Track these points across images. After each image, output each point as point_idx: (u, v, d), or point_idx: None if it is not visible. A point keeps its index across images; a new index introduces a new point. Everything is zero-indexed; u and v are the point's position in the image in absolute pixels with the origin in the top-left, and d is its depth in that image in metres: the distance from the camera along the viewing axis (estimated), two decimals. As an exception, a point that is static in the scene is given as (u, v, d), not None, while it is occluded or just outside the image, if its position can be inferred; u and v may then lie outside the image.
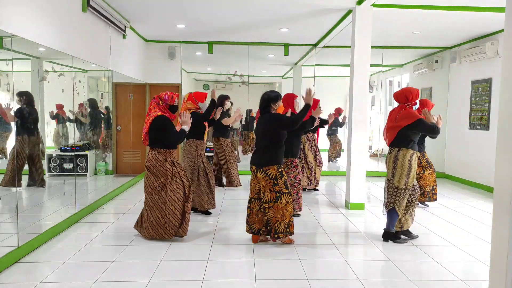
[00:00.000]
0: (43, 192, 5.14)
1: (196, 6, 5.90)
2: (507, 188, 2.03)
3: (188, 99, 5.15)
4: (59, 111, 5.28)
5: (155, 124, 4.03)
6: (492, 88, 7.17)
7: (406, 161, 4.04)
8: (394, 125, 4.10)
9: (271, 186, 3.93)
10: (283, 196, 3.93)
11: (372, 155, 10.49)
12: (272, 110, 4.06)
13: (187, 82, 10.65)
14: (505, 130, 2.05)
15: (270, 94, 4.07)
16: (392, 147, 4.16)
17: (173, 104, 4.17)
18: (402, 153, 4.05)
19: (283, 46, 8.59)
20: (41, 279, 3.21)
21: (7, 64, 3.75)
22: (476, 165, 7.63)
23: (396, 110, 4.18)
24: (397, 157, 4.07)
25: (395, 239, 4.23)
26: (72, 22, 4.88)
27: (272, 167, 3.93)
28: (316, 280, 3.24)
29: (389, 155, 4.17)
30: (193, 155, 5.08)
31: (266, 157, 3.95)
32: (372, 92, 10.93)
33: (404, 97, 4.11)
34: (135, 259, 3.66)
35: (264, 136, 4.00)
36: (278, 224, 3.94)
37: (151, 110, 4.11)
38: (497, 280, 2.09)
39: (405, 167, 4.04)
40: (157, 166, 4.05)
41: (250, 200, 4.10)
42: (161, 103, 4.12)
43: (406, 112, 4.06)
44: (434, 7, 5.65)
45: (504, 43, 2.08)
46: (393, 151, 4.12)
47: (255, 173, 4.00)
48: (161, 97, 4.14)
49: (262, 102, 4.08)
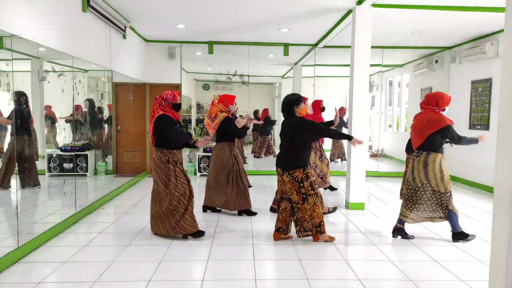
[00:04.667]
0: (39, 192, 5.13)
1: (196, 6, 5.89)
2: (507, 188, 2.02)
3: (219, 101, 5.15)
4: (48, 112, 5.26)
5: (157, 123, 4.05)
6: (492, 88, 7.17)
7: (437, 165, 4.08)
8: (423, 129, 4.10)
9: (297, 188, 3.98)
10: (310, 198, 3.98)
11: (372, 155, 10.50)
12: (296, 113, 4.08)
13: (187, 82, 10.66)
14: (505, 130, 2.05)
15: (291, 97, 4.10)
16: (420, 151, 4.17)
17: (176, 102, 4.18)
18: (432, 158, 4.09)
19: (283, 46, 8.59)
20: (41, 279, 3.21)
21: (7, 64, 3.75)
22: (476, 165, 7.63)
23: (426, 113, 4.18)
24: (427, 162, 4.10)
25: (465, 238, 4.24)
26: (72, 22, 4.88)
27: (298, 170, 3.96)
28: (316, 280, 3.24)
29: (417, 159, 4.18)
30: (226, 157, 5.08)
31: (292, 160, 3.98)
32: (372, 92, 10.93)
33: (435, 101, 4.13)
34: (135, 259, 3.66)
35: (289, 139, 4.02)
36: (306, 223, 4.03)
37: (154, 111, 4.13)
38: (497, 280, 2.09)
39: (436, 171, 4.08)
40: (160, 166, 4.08)
41: (281, 199, 4.17)
42: (164, 103, 4.13)
43: (437, 116, 4.08)
44: (434, 7, 5.65)
45: (504, 43, 2.08)
46: (422, 155, 4.14)
47: (281, 175, 4.04)
48: (163, 97, 4.14)
49: (284, 106, 4.10)
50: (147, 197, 6.35)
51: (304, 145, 4.02)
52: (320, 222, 4.04)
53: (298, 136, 3.98)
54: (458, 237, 4.26)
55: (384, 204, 6.14)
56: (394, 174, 9.00)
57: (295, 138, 3.99)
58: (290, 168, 3.97)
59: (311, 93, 8.98)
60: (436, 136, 4.06)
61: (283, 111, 4.14)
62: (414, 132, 4.24)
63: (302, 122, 4.01)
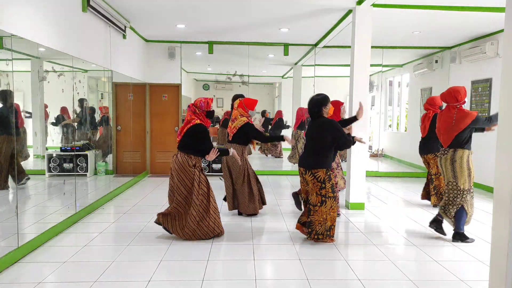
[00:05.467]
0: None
1: (196, 6, 5.90)
2: (507, 188, 2.02)
3: (239, 106, 5.11)
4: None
5: (192, 131, 4.05)
6: (492, 88, 7.17)
7: (464, 162, 4.11)
8: (453, 127, 4.10)
9: (318, 189, 3.97)
10: (328, 200, 3.97)
11: (372, 155, 10.49)
12: (324, 114, 4.07)
13: (187, 82, 10.65)
14: (505, 130, 2.05)
15: (318, 98, 4.08)
16: (446, 148, 4.18)
17: (210, 109, 4.19)
18: (459, 154, 4.10)
19: (283, 46, 8.59)
20: (41, 279, 3.21)
21: (7, 64, 3.75)
22: (476, 165, 7.61)
23: (450, 112, 4.16)
24: (454, 158, 4.11)
25: (465, 239, 4.24)
26: (72, 22, 4.88)
27: (321, 170, 3.96)
28: (316, 280, 3.24)
29: (444, 157, 4.19)
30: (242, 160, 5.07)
31: (316, 159, 3.99)
32: (372, 92, 10.93)
33: (453, 97, 4.14)
34: (135, 259, 3.65)
35: (316, 140, 4.02)
36: (319, 227, 4.01)
37: (188, 118, 4.13)
38: (497, 280, 2.09)
39: (464, 168, 4.10)
40: (185, 170, 4.07)
41: (306, 199, 4.16)
42: (198, 111, 4.13)
43: (463, 112, 4.09)
44: (434, 7, 5.65)
45: (504, 43, 2.08)
46: (448, 153, 4.15)
47: (304, 175, 4.04)
48: (196, 105, 4.14)
49: (313, 106, 4.06)
50: (147, 197, 6.36)
51: (331, 146, 4.03)
52: (331, 225, 4.04)
53: (328, 138, 3.97)
54: (458, 237, 4.26)
55: (384, 204, 6.14)
56: (394, 174, 9.00)
57: (324, 139, 3.98)
58: (313, 167, 3.97)
59: (311, 93, 8.97)
60: (464, 131, 4.09)
61: (312, 112, 4.10)
62: (442, 133, 4.22)
63: (336, 126, 3.97)
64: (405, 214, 5.50)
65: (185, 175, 4.07)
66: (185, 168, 4.07)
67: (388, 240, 4.35)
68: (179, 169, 4.08)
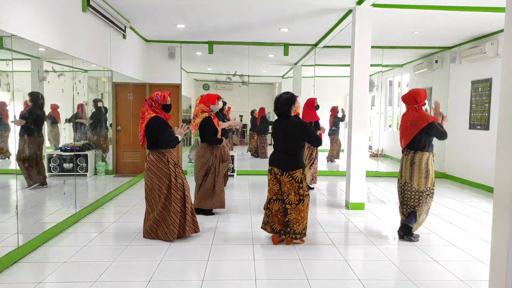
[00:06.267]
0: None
1: (196, 6, 5.90)
2: (507, 188, 2.02)
3: (200, 101, 5.14)
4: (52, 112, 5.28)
5: (150, 126, 4.00)
6: (492, 88, 7.17)
7: (423, 164, 4.06)
8: (408, 129, 4.10)
9: (296, 189, 3.95)
10: (305, 199, 3.98)
11: (372, 155, 10.50)
12: (292, 113, 4.02)
13: (187, 82, 10.65)
14: (505, 130, 2.05)
15: (287, 96, 4.00)
16: (408, 149, 4.16)
17: (166, 103, 4.15)
18: (419, 157, 4.07)
19: (283, 46, 8.59)
20: (41, 279, 3.21)
21: (7, 64, 3.75)
22: (476, 165, 7.63)
23: (408, 113, 4.18)
24: (414, 160, 4.09)
25: (411, 236, 4.24)
26: (72, 22, 4.88)
27: (298, 171, 3.94)
28: (316, 280, 3.24)
29: (405, 157, 4.17)
30: (207, 157, 5.08)
31: (292, 160, 3.95)
32: (372, 92, 10.93)
33: (412, 99, 4.11)
34: (135, 259, 3.65)
35: (289, 139, 3.97)
36: (297, 226, 3.98)
37: (145, 113, 4.06)
38: (497, 280, 2.09)
39: (422, 170, 4.06)
40: (160, 167, 4.04)
41: (269, 200, 4.10)
42: (154, 104, 4.08)
43: (418, 114, 4.07)
44: (434, 7, 5.65)
45: (504, 43, 2.08)
46: (409, 154, 4.13)
47: (279, 176, 3.98)
48: (153, 98, 4.09)
49: (283, 106, 3.98)
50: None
51: (304, 146, 4.04)
52: (306, 225, 4.06)
53: (300, 138, 3.96)
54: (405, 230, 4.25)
55: (384, 204, 6.14)
56: (394, 174, 9.00)
57: (297, 139, 3.96)
58: (291, 168, 3.93)
59: (311, 93, 8.98)
60: (421, 134, 4.03)
61: (280, 111, 4.02)
62: (401, 133, 4.23)
63: (305, 127, 3.96)
64: (405, 214, 5.50)
65: (162, 174, 4.03)
66: (159, 166, 4.03)
67: (388, 240, 4.35)
68: (155, 168, 4.03)
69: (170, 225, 4.06)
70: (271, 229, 4.12)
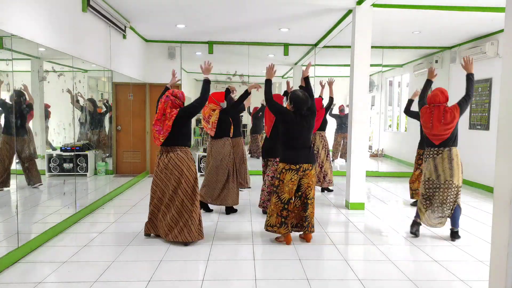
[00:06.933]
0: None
1: (196, 6, 5.89)
2: (507, 188, 2.02)
3: (209, 101, 5.13)
4: None
5: (180, 118, 3.93)
6: (492, 88, 7.17)
7: (459, 158, 4.17)
8: (449, 125, 4.10)
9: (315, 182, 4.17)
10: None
11: (372, 155, 10.49)
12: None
13: (187, 82, 10.65)
14: (505, 130, 2.05)
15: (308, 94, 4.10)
16: (440, 148, 4.16)
17: (185, 101, 4.18)
18: (455, 152, 4.16)
19: (283, 46, 8.59)
20: (41, 279, 3.21)
21: (7, 64, 3.75)
22: (476, 165, 7.63)
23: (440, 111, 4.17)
24: (452, 156, 4.13)
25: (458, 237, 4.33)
26: (72, 22, 4.88)
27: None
28: (316, 280, 3.24)
29: (440, 156, 4.16)
30: (225, 152, 5.07)
31: (313, 153, 4.08)
32: (372, 92, 10.93)
33: (445, 97, 4.23)
34: (135, 259, 3.66)
35: (310, 131, 4.06)
36: (312, 219, 4.13)
37: (166, 110, 3.93)
38: (497, 280, 2.09)
39: (459, 165, 4.16)
40: (189, 166, 3.99)
41: (288, 201, 3.99)
42: (178, 101, 4.03)
43: (449, 109, 4.16)
44: (434, 7, 5.65)
45: (504, 43, 2.08)
46: (444, 152, 4.14)
47: (308, 171, 3.98)
48: (176, 95, 4.01)
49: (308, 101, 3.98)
50: (147, 197, 6.35)
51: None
52: None
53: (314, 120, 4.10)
54: (458, 236, 4.30)
55: (384, 204, 6.14)
56: (394, 174, 9.00)
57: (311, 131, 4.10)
58: (314, 161, 4.07)
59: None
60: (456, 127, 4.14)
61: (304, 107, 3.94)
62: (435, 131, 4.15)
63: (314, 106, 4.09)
64: (405, 214, 5.50)
65: (195, 170, 4.04)
66: (191, 162, 4.02)
67: (388, 240, 4.35)
68: (191, 164, 3.99)
69: (192, 224, 3.97)
70: (286, 227, 4.01)
